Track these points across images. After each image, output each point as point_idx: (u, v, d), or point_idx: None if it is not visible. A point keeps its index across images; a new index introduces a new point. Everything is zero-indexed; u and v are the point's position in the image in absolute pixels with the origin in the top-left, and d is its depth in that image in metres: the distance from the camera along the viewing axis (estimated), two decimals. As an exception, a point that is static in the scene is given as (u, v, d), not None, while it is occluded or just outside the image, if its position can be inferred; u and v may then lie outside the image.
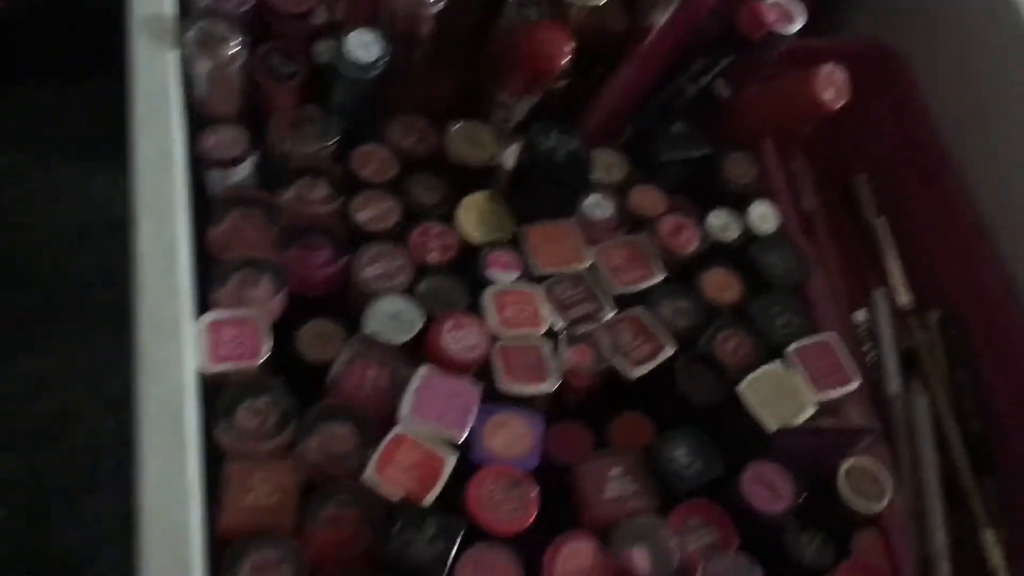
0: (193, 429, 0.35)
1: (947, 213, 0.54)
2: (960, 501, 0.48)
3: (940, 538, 0.46)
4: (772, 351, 0.44)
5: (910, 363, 0.51)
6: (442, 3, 0.43)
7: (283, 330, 0.41)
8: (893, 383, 0.50)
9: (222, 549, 0.34)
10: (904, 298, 0.54)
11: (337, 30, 0.44)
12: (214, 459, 0.36)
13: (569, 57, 0.43)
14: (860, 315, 0.53)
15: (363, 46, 0.42)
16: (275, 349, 0.40)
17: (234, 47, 0.40)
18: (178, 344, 0.33)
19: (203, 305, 0.38)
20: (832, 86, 0.47)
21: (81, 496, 0.63)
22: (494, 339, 0.41)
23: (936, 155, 0.56)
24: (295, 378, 0.40)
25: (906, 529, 0.44)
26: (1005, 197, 0.53)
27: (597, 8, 0.46)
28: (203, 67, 0.39)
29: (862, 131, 0.60)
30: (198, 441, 0.36)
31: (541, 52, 0.43)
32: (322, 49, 0.44)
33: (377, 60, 0.42)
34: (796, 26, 0.48)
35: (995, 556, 0.46)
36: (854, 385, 0.43)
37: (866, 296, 0.54)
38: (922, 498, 0.47)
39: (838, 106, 0.48)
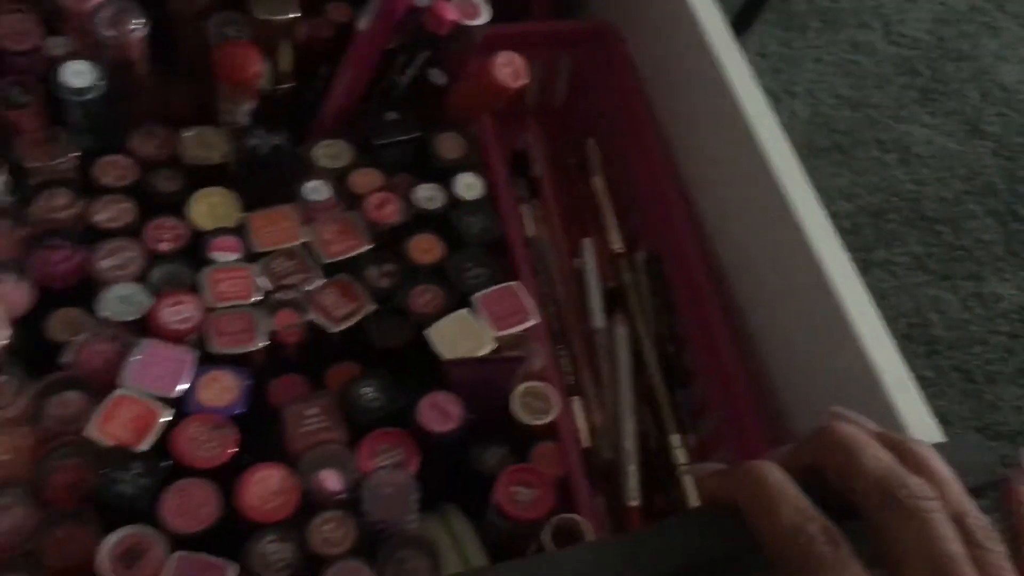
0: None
1: (653, 169, 0.62)
2: (656, 412, 0.56)
3: (628, 443, 0.54)
4: (462, 300, 0.52)
5: (619, 299, 0.60)
6: (146, 29, 0.50)
7: (36, 318, 0.49)
8: (597, 317, 0.58)
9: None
10: (616, 244, 0.62)
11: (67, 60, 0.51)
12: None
13: (258, 69, 0.51)
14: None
15: (77, 75, 0.49)
16: (30, 336, 0.48)
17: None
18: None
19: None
20: (508, 69, 0.55)
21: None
22: (209, 311, 0.49)
23: (646, 119, 0.64)
24: (48, 360, 0.47)
25: (576, 440, 0.51)
26: (694, 157, 0.61)
27: (297, 20, 0.54)
28: (-69, 104, 0.47)
29: (592, 100, 0.68)
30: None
31: (234, 66, 0.50)
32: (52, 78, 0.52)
33: (92, 85, 0.50)
34: (482, 19, 0.56)
35: (679, 456, 0.54)
36: (531, 322, 0.51)
37: (585, 245, 0.62)
38: (618, 412, 0.55)
39: (518, 86, 0.56)
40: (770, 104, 0.55)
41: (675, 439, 0.55)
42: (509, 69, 0.55)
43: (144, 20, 0.50)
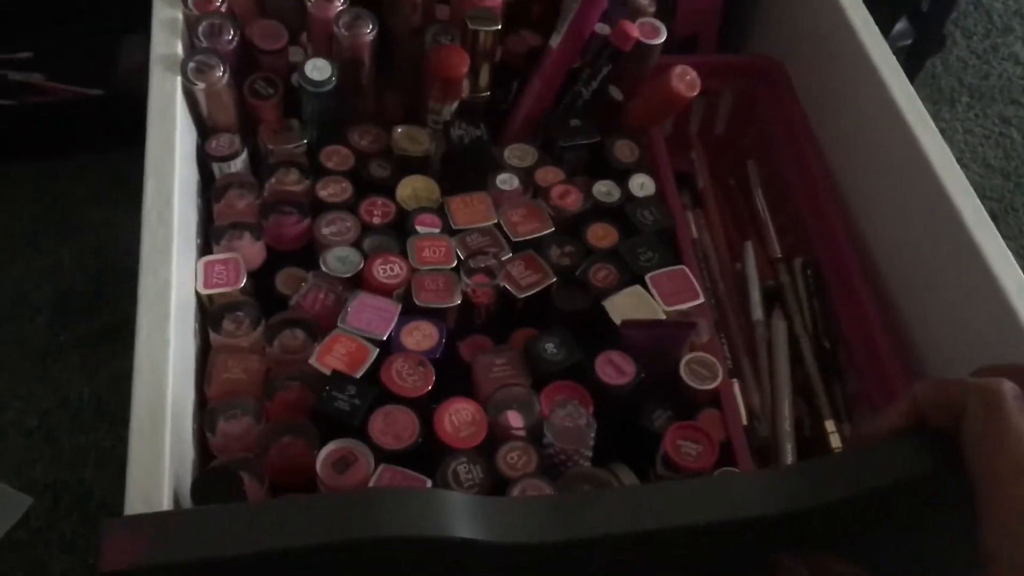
0: (191, 332, 0.51)
1: (812, 184, 0.66)
2: (811, 401, 0.59)
3: (786, 425, 0.57)
4: (636, 279, 0.57)
5: (777, 298, 0.63)
6: (375, 33, 0.59)
7: (266, 273, 0.57)
8: (757, 311, 0.62)
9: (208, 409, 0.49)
10: (775, 249, 0.66)
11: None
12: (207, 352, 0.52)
13: (466, 68, 0.58)
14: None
15: (317, 69, 0.58)
16: (259, 288, 0.56)
17: (222, 74, 0.56)
18: (171, 273, 0.48)
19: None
20: (683, 81, 0.61)
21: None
22: (413, 271, 0.55)
23: (806, 143, 0.68)
24: (273, 307, 0.55)
25: (737, 409, 0.55)
26: (854, 171, 0.65)
27: (499, 33, 0.62)
28: (199, 88, 0.56)
29: (756, 126, 0.74)
30: (196, 341, 0.51)
31: (447, 65, 0.58)
32: (295, 77, 0.61)
33: (328, 79, 0.58)
34: (660, 39, 0.63)
35: (832, 440, 0.57)
36: (699, 301, 0.56)
37: (746, 250, 0.67)
38: (776, 397, 0.59)
39: (692, 96, 0.61)
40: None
41: (830, 424, 0.57)
42: (686, 79, 0.61)
43: (373, 26, 0.59)
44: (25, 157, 1.10)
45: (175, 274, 0.48)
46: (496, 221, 0.59)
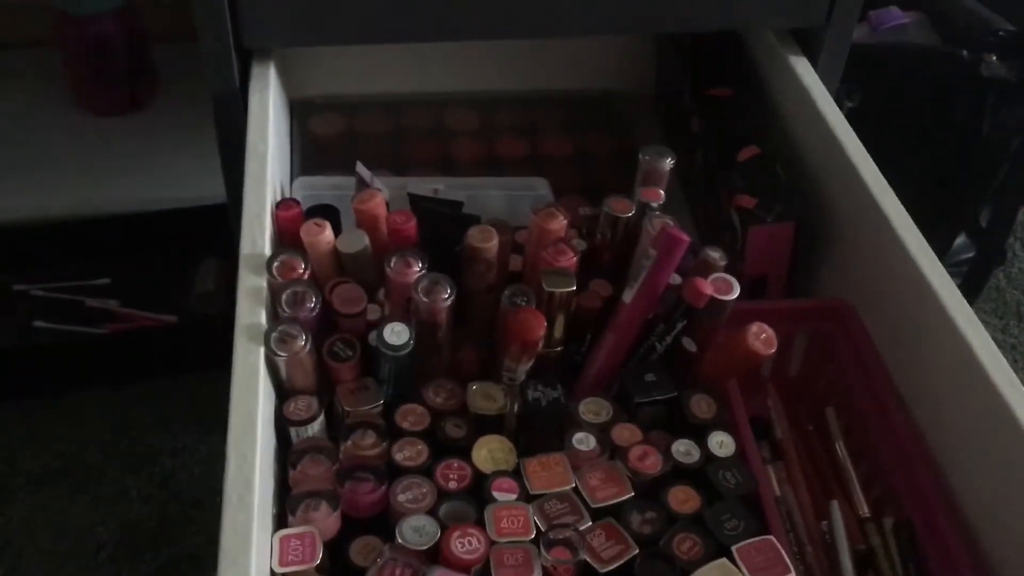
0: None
1: (896, 437, 0.64)
2: None
3: None
4: (721, 550, 0.55)
5: (869, 561, 0.60)
6: (452, 298, 0.60)
7: (341, 543, 0.55)
8: (848, 577, 0.59)
9: None
10: (863, 508, 0.63)
11: (383, 323, 0.61)
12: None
13: (543, 332, 0.59)
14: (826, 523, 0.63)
15: (395, 334, 0.59)
16: (335, 558, 0.55)
17: (304, 343, 0.57)
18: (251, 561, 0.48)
19: (282, 526, 0.54)
20: (759, 340, 0.61)
21: None
22: (492, 543, 0.54)
23: (885, 389, 0.67)
24: (347, 580, 0.53)
25: None
26: (941, 426, 0.63)
27: (574, 293, 0.62)
28: (282, 357, 0.57)
29: (830, 371, 0.73)
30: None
31: (524, 328, 0.59)
32: (372, 337, 0.61)
33: (406, 343, 0.59)
34: (734, 295, 0.63)
35: None
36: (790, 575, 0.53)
37: (830, 508, 0.64)
38: None
39: (769, 353, 0.61)
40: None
41: None
42: (762, 337, 0.61)
43: (452, 290, 0.60)
44: (97, 384, 1.12)
45: (254, 561, 0.47)
46: (574, 485, 0.57)
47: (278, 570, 0.51)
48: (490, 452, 0.59)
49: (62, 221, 1.21)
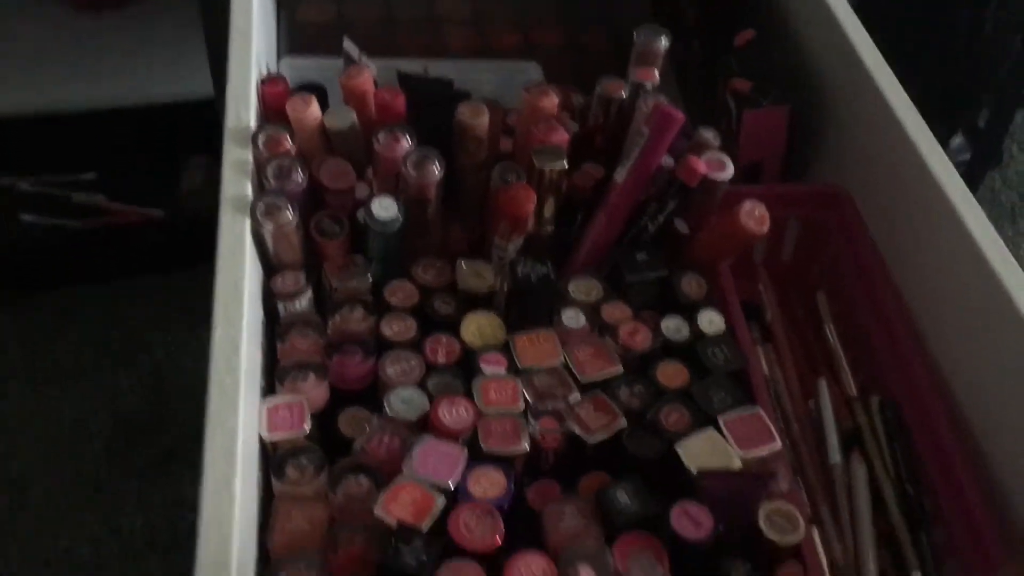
0: (254, 480, 0.50)
1: (886, 319, 0.64)
2: (896, 551, 0.56)
3: (871, 578, 0.54)
4: (708, 422, 0.55)
5: (855, 440, 0.61)
6: (442, 174, 0.59)
7: (330, 415, 0.56)
8: (834, 453, 0.59)
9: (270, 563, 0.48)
10: (850, 388, 0.64)
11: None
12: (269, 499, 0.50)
13: (533, 208, 0.58)
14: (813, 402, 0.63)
15: (383, 208, 0.58)
16: (323, 428, 0.55)
17: (290, 215, 0.56)
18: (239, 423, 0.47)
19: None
20: (752, 217, 0.60)
21: None
22: (480, 415, 0.54)
23: (877, 273, 0.67)
24: (336, 450, 0.53)
25: (821, 565, 0.52)
26: (930, 305, 0.63)
27: (566, 171, 0.61)
28: (268, 229, 0.56)
29: (823, 258, 0.72)
30: (258, 487, 0.50)
31: (514, 204, 0.58)
32: (361, 214, 0.61)
33: (394, 218, 0.58)
34: (728, 174, 0.62)
35: (923, 595, 0.54)
36: (776, 445, 0.53)
37: (818, 387, 0.64)
38: (858, 547, 0.56)
39: (762, 233, 0.60)
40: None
41: (917, 577, 0.54)
42: (756, 215, 0.60)
43: (441, 165, 0.59)
44: (87, 280, 1.11)
45: (242, 424, 0.47)
46: (563, 361, 0.57)
47: (267, 437, 0.52)
48: (479, 328, 0.59)
49: (48, 116, 1.19)
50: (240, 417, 0.47)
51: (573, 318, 0.60)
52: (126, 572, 0.86)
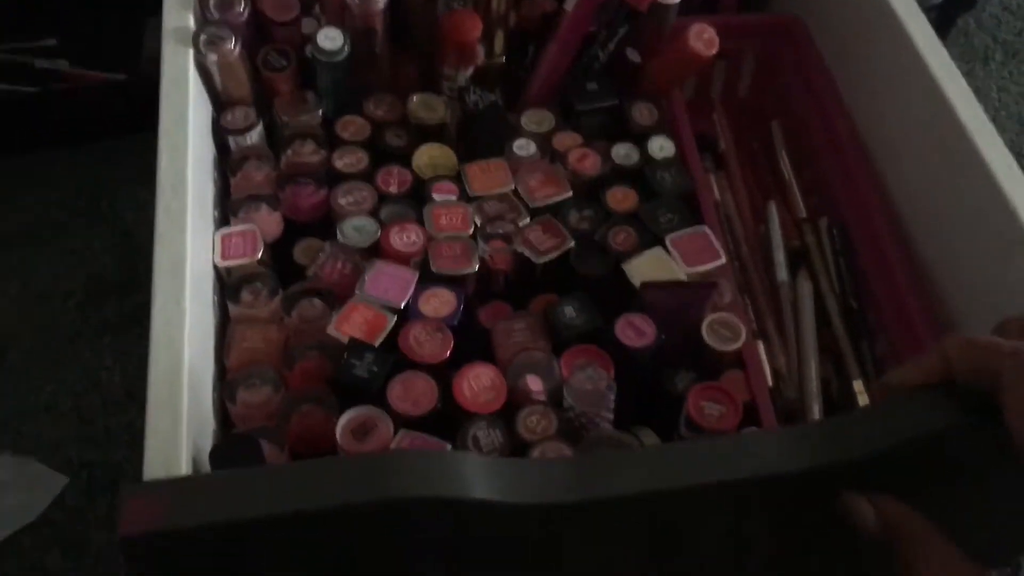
0: (209, 304, 0.51)
1: (838, 144, 0.65)
2: (839, 362, 0.58)
3: (812, 386, 0.56)
4: (656, 242, 0.56)
5: (803, 259, 0.62)
6: (386, 2, 0.58)
7: (284, 245, 0.57)
8: (781, 272, 0.61)
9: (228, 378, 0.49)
10: (799, 210, 0.65)
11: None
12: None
13: (479, 33, 0.58)
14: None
15: (329, 39, 0.58)
16: (278, 258, 0.56)
17: (234, 46, 0.56)
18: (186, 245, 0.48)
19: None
20: (701, 40, 0.60)
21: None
22: (430, 239, 0.55)
23: (831, 102, 0.67)
24: (292, 278, 0.55)
25: (762, 369, 0.54)
26: (882, 130, 0.64)
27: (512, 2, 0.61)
28: (212, 60, 0.56)
29: (778, 89, 0.72)
30: (215, 313, 0.52)
31: (459, 29, 0.58)
32: (309, 48, 0.60)
33: (340, 48, 0.58)
34: (676, -1, 0.62)
35: (860, 400, 0.56)
36: (720, 261, 0.55)
37: (769, 211, 0.66)
38: (802, 358, 0.58)
39: (711, 55, 0.60)
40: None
41: (858, 384, 0.56)
42: (704, 37, 0.60)
43: (385, -7, 0.58)
44: (53, 144, 1.11)
45: (190, 246, 0.48)
46: (514, 187, 0.58)
47: (220, 264, 0.53)
48: (431, 159, 0.60)
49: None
50: (188, 239, 0.48)
51: (524, 147, 0.60)
52: (110, 423, 0.89)
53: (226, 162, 0.58)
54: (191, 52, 0.55)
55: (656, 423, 0.53)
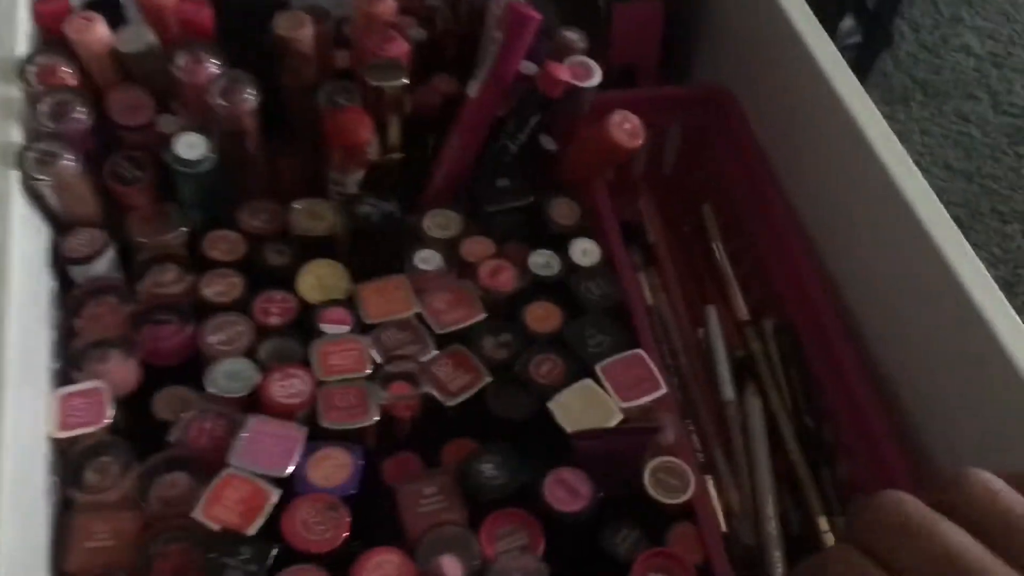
0: (40, 493, 0.41)
1: (778, 233, 0.58)
2: (798, 492, 0.51)
3: (771, 527, 0.49)
4: (585, 370, 0.48)
5: (748, 369, 0.55)
6: (257, 100, 0.49)
7: (143, 397, 0.47)
8: (727, 389, 0.54)
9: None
10: (742, 312, 0.58)
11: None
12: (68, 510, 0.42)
13: (369, 135, 0.49)
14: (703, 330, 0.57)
15: (190, 147, 0.49)
16: (136, 414, 0.46)
17: (69, 163, 0.46)
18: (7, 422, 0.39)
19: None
20: (625, 128, 0.53)
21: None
22: (319, 384, 0.46)
23: (766, 181, 0.60)
24: (155, 440, 0.45)
25: (716, 521, 0.47)
26: (824, 216, 0.57)
27: (407, 87, 0.53)
28: (44, 182, 0.46)
29: (707, 166, 0.65)
30: (49, 497, 0.42)
31: (346, 132, 0.49)
32: (167, 153, 0.51)
33: (203, 157, 0.49)
34: (595, 80, 0.54)
35: (827, 542, 0.49)
36: (661, 392, 0.47)
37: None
38: (756, 492, 0.50)
39: (635, 146, 0.53)
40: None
41: (823, 522, 0.49)
42: (626, 127, 0.53)
43: (255, 91, 0.49)
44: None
45: (9, 419, 0.38)
46: (417, 311, 0.50)
47: (59, 436, 0.43)
48: (318, 279, 0.51)
49: None
50: (7, 420, 0.38)
51: (428, 259, 0.52)
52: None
53: (68, 299, 0.48)
54: (14, 174, 0.45)
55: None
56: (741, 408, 0.53)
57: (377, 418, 0.45)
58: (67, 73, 0.50)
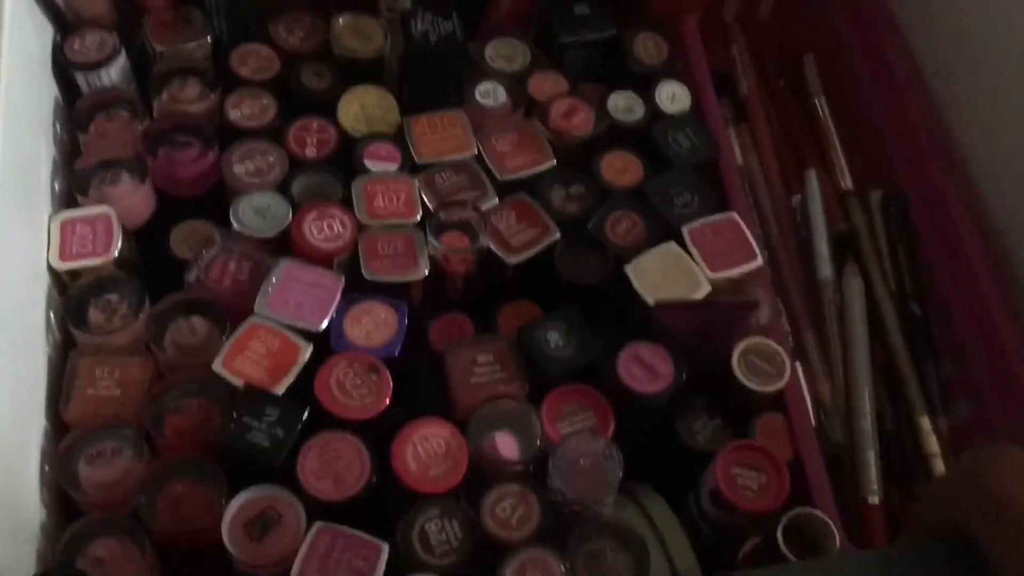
0: (39, 329, 0.36)
1: (893, 89, 0.50)
2: (898, 388, 0.45)
3: (865, 424, 0.43)
4: (668, 231, 0.41)
5: (850, 246, 0.48)
6: None
7: (157, 229, 0.41)
8: (824, 267, 0.47)
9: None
10: (845, 180, 0.50)
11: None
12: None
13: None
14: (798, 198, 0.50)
15: (219, -66, 0.41)
16: (148, 248, 0.40)
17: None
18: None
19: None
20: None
21: None
22: (361, 227, 0.40)
23: (884, 28, 0.52)
24: (170, 281, 0.39)
25: (808, 414, 0.41)
26: (953, 73, 0.49)
27: None
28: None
29: (810, 12, 0.57)
30: (50, 341, 0.36)
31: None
32: (193, -54, 0.43)
33: (235, -53, 0.41)
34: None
35: (930, 444, 0.43)
36: (756, 263, 0.41)
37: (805, 178, 0.51)
38: (851, 385, 0.44)
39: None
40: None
41: (924, 422, 0.43)
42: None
43: None
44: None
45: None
46: (476, 152, 0.43)
47: (59, 266, 0.37)
48: (363, 108, 0.44)
49: None
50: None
51: (490, 93, 0.45)
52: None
53: (73, 111, 0.41)
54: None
55: (663, 477, 0.39)
56: (839, 289, 0.47)
57: (427, 271, 0.39)
58: None
